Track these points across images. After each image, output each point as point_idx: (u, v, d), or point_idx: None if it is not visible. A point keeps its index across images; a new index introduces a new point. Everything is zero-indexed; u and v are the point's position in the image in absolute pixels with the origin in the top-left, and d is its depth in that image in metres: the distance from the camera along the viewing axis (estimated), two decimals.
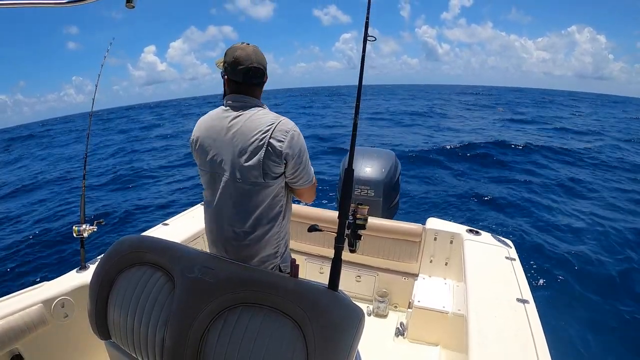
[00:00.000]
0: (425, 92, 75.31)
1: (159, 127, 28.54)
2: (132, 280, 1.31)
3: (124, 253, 1.35)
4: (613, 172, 10.73)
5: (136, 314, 1.25)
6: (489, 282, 2.08)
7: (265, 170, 1.38)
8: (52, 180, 11.95)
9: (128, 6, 0.73)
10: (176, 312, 1.17)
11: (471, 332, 1.64)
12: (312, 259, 3.09)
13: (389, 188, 3.14)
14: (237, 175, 1.39)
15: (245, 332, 1.08)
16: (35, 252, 5.88)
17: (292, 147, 1.40)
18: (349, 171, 1.36)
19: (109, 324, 1.34)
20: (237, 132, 1.40)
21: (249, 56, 1.44)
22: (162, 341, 1.18)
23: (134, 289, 1.29)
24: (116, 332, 1.32)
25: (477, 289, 1.99)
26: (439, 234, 2.78)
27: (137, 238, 1.43)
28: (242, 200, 1.43)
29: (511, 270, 2.21)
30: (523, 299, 1.90)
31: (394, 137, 15.70)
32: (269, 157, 1.37)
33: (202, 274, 1.20)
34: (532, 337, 1.62)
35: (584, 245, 5.92)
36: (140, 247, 1.36)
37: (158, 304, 1.23)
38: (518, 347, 1.56)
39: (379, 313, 2.83)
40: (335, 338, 1.02)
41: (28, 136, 35.58)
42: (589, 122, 24.24)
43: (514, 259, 2.35)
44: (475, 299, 1.89)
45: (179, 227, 2.69)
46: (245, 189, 1.41)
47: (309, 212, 3.00)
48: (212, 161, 1.45)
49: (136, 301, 1.26)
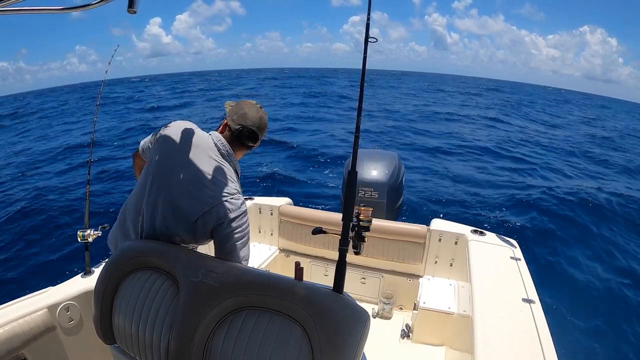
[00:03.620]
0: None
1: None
2: (137, 285, 1.31)
3: (128, 258, 1.36)
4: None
5: (141, 319, 1.25)
6: (494, 282, 2.07)
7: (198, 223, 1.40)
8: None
9: (130, 11, 0.73)
10: (181, 316, 1.17)
11: (477, 332, 1.63)
12: (317, 261, 3.09)
13: (392, 189, 3.14)
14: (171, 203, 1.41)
15: (251, 336, 1.08)
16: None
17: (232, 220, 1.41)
18: (352, 173, 1.35)
19: (114, 329, 1.34)
20: (199, 172, 1.41)
21: (254, 119, 1.53)
22: (167, 345, 1.18)
23: (138, 293, 1.29)
24: (121, 337, 1.33)
25: (482, 289, 1.98)
26: (443, 235, 2.77)
27: (141, 242, 1.43)
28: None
29: (516, 270, 2.20)
30: (529, 299, 1.89)
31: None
32: (205, 217, 1.39)
33: (206, 278, 1.20)
34: (538, 337, 1.61)
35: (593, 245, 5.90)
36: (143, 252, 1.37)
37: (163, 308, 1.23)
38: (524, 347, 1.55)
39: (385, 315, 2.82)
40: (340, 340, 1.02)
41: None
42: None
43: (519, 259, 2.34)
44: (480, 299, 1.89)
45: None
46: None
47: (312, 214, 3.00)
48: (162, 170, 1.43)
49: (141, 305, 1.26)
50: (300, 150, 11.94)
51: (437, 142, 13.86)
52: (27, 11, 0.72)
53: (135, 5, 0.73)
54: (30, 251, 5.96)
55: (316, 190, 8.32)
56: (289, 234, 3.12)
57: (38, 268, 5.50)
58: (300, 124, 17.27)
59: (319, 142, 13.19)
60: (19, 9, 0.69)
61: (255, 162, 10.30)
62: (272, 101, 26.63)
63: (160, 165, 1.44)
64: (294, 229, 3.08)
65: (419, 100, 32.10)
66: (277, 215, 3.16)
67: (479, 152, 12.72)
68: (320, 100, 28.03)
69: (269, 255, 3.14)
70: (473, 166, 10.91)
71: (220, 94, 34.91)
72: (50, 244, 6.08)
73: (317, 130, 15.59)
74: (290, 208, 3.15)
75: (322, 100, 28.53)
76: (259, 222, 3.29)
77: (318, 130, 15.74)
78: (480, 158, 11.99)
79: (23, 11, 0.71)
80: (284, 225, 3.13)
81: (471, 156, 12.18)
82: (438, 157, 11.83)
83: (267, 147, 12.10)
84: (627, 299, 4.62)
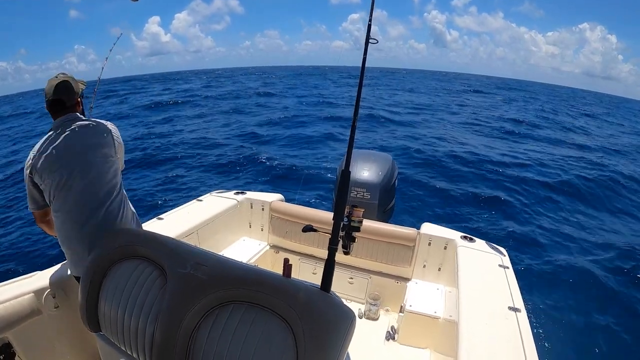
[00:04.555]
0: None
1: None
2: (124, 274, 1.30)
3: (117, 246, 1.35)
4: None
5: (127, 308, 1.25)
6: (481, 289, 2.09)
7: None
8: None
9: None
10: (167, 307, 1.16)
11: (461, 338, 1.65)
12: (306, 259, 3.09)
13: (385, 191, 3.15)
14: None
15: (236, 330, 1.08)
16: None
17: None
18: (345, 173, 1.36)
19: (100, 317, 1.33)
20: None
21: (46, 90, 1.64)
22: (152, 336, 1.18)
23: (125, 282, 1.28)
24: (106, 325, 1.32)
25: (469, 295, 2.00)
26: (433, 239, 2.79)
27: (131, 231, 1.43)
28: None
29: (504, 278, 2.22)
30: (515, 308, 1.91)
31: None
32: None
33: (194, 270, 1.20)
34: (522, 345, 1.62)
35: (579, 253, 5.96)
36: (133, 241, 1.36)
37: (149, 298, 1.23)
38: (508, 355, 1.57)
39: (371, 316, 2.83)
40: (325, 339, 1.02)
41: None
42: None
43: (507, 267, 2.36)
44: (467, 305, 1.90)
45: (173, 221, 2.69)
46: None
47: (304, 212, 3.00)
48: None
49: (127, 294, 1.26)
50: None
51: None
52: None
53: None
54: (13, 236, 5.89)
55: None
56: (280, 231, 3.12)
57: (24, 254, 5.44)
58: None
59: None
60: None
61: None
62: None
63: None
64: (284, 225, 3.08)
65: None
66: (269, 211, 3.16)
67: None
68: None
69: (259, 251, 3.14)
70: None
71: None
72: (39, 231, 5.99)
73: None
74: (281, 204, 3.14)
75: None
76: (249, 217, 3.29)
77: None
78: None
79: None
80: (275, 221, 3.13)
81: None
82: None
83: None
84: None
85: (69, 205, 1.58)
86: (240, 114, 19.25)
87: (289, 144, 12.64)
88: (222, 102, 24.42)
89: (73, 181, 1.57)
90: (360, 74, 1.41)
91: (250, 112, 19.59)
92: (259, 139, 13.11)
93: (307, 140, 13.03)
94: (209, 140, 12.89)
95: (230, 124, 16.19)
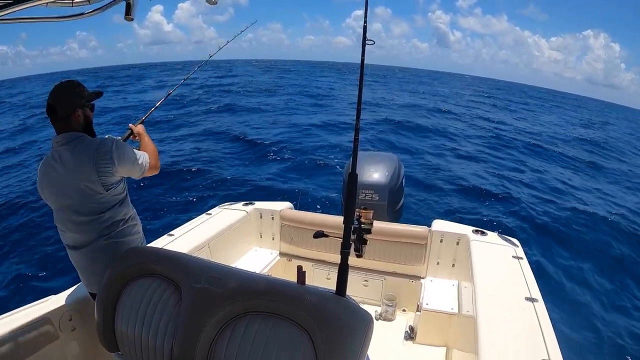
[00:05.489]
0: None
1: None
2: (139, 292, 1.30)
3: (130, 264, 1.35)
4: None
5: (144, 325, 1.25)
6: (497, 282, 2.07)
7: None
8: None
9: (127, 19, 0.74)
10: (184, 322, 1.16)
11: (481, 332, 1.63)
12: (319, 265, 3.08)
13: (393, 191, 3.14)
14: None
15: (254, 341, 1.07)
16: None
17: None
18: (352, 176, 1.35)
19: (117, 336, 1.33)
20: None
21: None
22: (171, 351, 1.18)
23: (140, 300, 1.28)
24: (124, 344, 1.32)
25: (485, 289, 1.98)
26: (445, 236, 2.77)
27: (143, 249, 1.43)
28: None
29: (519, 269, 2.19)
30: (532, 298, 1.88)
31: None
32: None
33: (209, 284, 1.20)
34: (542, 335, 1.60)
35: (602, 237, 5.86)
36: (146, 259, 1.36)
37: (166, 315, 1.23)
38: (528, 346, 1.54)
39: (387, 317, 2.81)
40: (344, 344, 1.02)
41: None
42: None
43: (522, 258, 2.33)
44: (483, 299, 1.88)
45: (184, 237, 2.70)
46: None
47: (313, 218, 3.00)
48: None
49: (143, 312, 1.26)
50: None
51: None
52: (26, 20, 0.72)
53: (132, 13, 0.73)
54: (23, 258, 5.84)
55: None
56: (291, 238, 3.11)
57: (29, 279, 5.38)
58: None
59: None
60: (17, 18, 0.69)
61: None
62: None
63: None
64: (295, 233, 3.07)
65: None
66: (278, 220, 3.15)
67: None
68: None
69: (271, 260, 3.13)
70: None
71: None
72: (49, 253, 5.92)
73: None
74: (291, 212, 3.14)
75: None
76: (260, 227, 3.28)
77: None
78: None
79: (21, 20, 0.71)
80: (285, 230, 3.13)
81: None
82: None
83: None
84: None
85: (63, 226, 1.62)
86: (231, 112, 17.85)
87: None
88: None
89: (59, 206, 1.59)
90: (360, 74, 1.40)
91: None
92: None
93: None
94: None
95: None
